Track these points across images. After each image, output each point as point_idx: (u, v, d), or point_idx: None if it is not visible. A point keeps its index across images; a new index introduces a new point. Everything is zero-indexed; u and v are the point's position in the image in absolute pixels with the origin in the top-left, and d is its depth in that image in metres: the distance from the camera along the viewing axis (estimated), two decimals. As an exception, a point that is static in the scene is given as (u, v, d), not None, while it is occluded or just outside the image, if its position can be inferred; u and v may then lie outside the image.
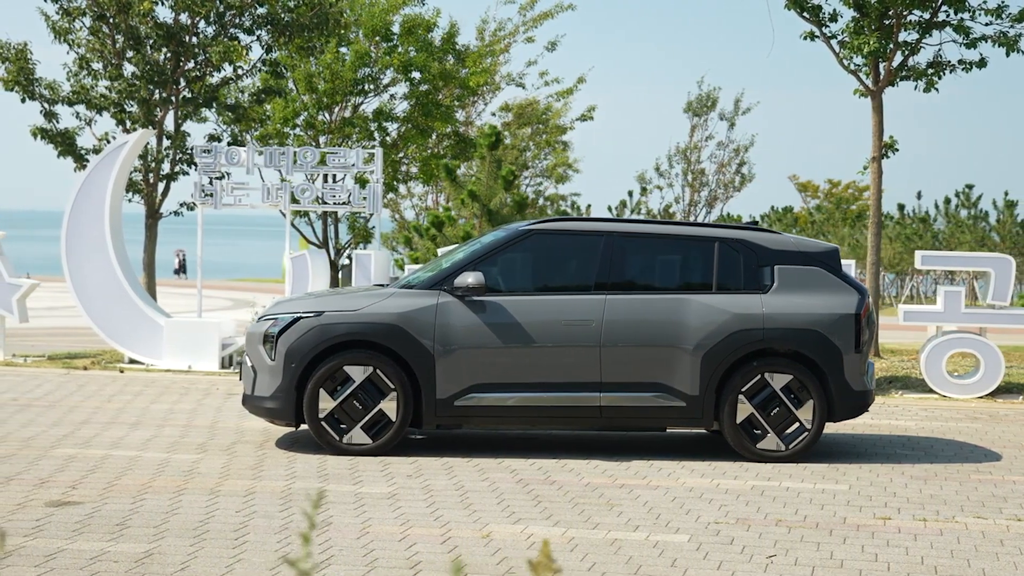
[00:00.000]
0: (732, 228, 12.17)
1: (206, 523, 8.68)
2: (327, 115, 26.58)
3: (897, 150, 18.93)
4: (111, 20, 19.66)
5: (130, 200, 19.98)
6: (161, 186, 20.64)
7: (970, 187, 57.18)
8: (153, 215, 20.47)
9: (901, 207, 60.63)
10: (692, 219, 42.00)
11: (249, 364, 11.78)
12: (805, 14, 18.56)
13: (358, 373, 11.35)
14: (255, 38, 20.10)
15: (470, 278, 11.36)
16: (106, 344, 18.56)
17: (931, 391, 16.34)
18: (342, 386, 11.37)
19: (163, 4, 19.94)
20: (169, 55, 19.90)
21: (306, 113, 26.28)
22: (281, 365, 11.41)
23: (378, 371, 11.34)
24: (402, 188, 32.73)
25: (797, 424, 11.45)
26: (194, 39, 20.03)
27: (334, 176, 22.32)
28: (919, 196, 62.49)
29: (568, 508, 9.41)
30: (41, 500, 9.27)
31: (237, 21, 20.15)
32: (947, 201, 58.32)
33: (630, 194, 54.01)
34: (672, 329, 11.44)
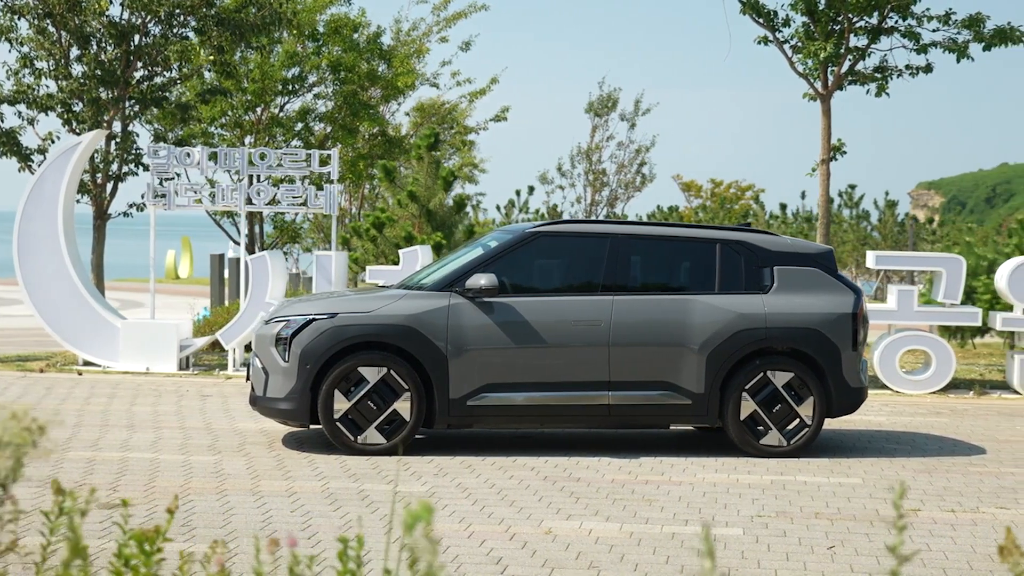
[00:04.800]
0: (729, 230, 12.53)
1: (269, 524, 8.76)
2: (251, 115, 26.47)
3: (844, 152, 19.54)
4: (58, 18, 19.40)
5: (78, 201, 19.73)
6: (109, 187, 20.42)
7: (852, 187, 58.59)
8: (101, 216, 20.26)
9: (783, 206, 62.00)
10: (593, 218, 42.47)
11: (259, 365, 11.82)
12: (760, 19, 19.08)
13: (372, 374, 11.48)
14: (205, 38, 19.98)
15: (483, 280, 11.54)
16: (57, 346, 18.35)
17: (884, 387, 16.89)
18: (356, 387, 11.48)
19: (114, 3, 19.76)
20: (119, 55, 19.72)
21: (230, 112, 26.13)
22: (295, 366, 11.49)
23: (392, 372, 11.48)
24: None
25: (798, 420, 11.83)
26: (146, 39, 19.86)
27: (259, 177, 22.25)
28: (803, 196, 64.02)
29: (608, 504, 9.65)
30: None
31: (184, 20, 20.02)
32: (830, 201, 59.57)
33: (517, 193, 54.46)
34: (678, 329, 11.75)
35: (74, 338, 17.74)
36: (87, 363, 17.84)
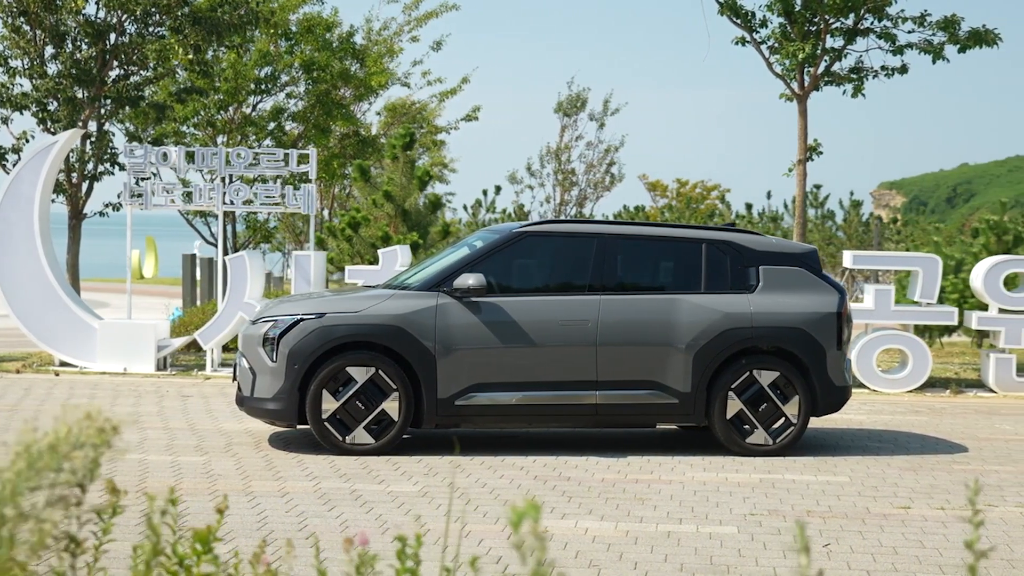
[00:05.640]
0: (714, 230, 12.60)
1: (266, 524, 8.75)
2: (223, 114, 26.37)
3: (821, 153, 19.67)
4: (33, 16, 19.29)
5: (53, 201, 19.64)
6: (84, 186, 20.31)
7: (818, 187, 58.84)
8: (77, 216, 20.15)
9: (749, 206, 62.24)
10: (563, 217, 42.52)
11: (246, 366, 11.79)
12: (738, 20, 19.17)
13: (360, 374, 11.48)
14: (182, 37, 19.89)
15: (471, 279, 11.55)
16: (33, 346, 18.25)
17: (862, 386, 16.99)
18: (344, 387, 11.48)
19: (90, 2, 19.66)
20: (95, 54, 19.62)
21: (203, 112, 26.03)
22: (283, 367, 11.47)
23: (380, 372, 11.48)
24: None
25: (783, 419, 11.90)
26: (123, 38, 19.77)
27: (231, 177, 22.19)
28: (768, 196, 64.51)
29: (601, 503, 9.68)
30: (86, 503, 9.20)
31: (160, 19, 19.94)
32: (795, 200, 59.82)
33: (484, 193, 54.41)
34: (665, 328, 11.80)
35: (50, 338, 17.65)
36: (63, 364, 17.75)
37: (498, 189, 51.66)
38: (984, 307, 17.83)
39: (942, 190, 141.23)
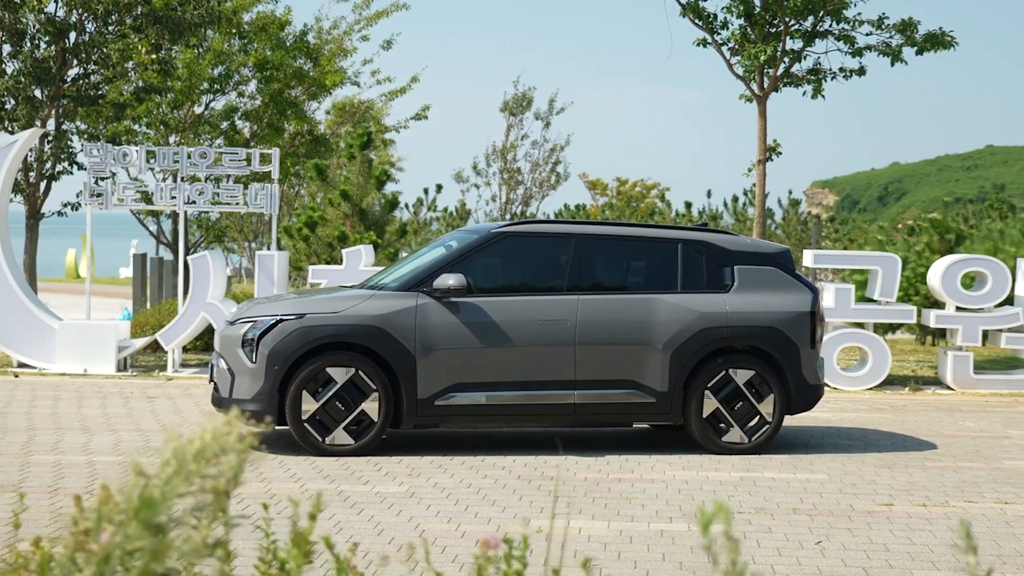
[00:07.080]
0: (689, 229, 12.71)
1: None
2: (176, 113, 26.18)
3: (780, 153, 19.87)
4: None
5: (11, 200, 19.44)
6: (43, 186, 20.12)
7: (753, 185, 59.30)
8: (34, 215, 19.95)
9: (689, 204, 62.66)
10: (509, 216, 42.61)
11: (225, 367, 11.75)
12: (699, 21, 19.32)
13: (340, 374, 11.48)
14: (143, 36, 19.74)
15: (451, 280, 11.58)
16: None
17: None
18: (324, 387, 11.47)
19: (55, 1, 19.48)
20: (55, 53, 19.44)
21: (155, 111, 25.82)
22: (263, 367, 11.45)
23: (360, 372, 11.49)
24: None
25: (759, 417, 12.03)
26: (84, 37, 19.60)
27: (184, 176, 22.05)
28: (709, 195, 64.89)
29: (589, 503, 9.75)
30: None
31: (120, 18, 19.77)
32: (735, 199, 60.40)
33: (426, 191, 54.34)
34: (643, 328, 11.89)
35: (9, 340, 17.47)
36: (22, 365, 17.57)
37: (439, 188, 51.62)
38: (935, 304, 18.07)
39: (874, 189, 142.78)
